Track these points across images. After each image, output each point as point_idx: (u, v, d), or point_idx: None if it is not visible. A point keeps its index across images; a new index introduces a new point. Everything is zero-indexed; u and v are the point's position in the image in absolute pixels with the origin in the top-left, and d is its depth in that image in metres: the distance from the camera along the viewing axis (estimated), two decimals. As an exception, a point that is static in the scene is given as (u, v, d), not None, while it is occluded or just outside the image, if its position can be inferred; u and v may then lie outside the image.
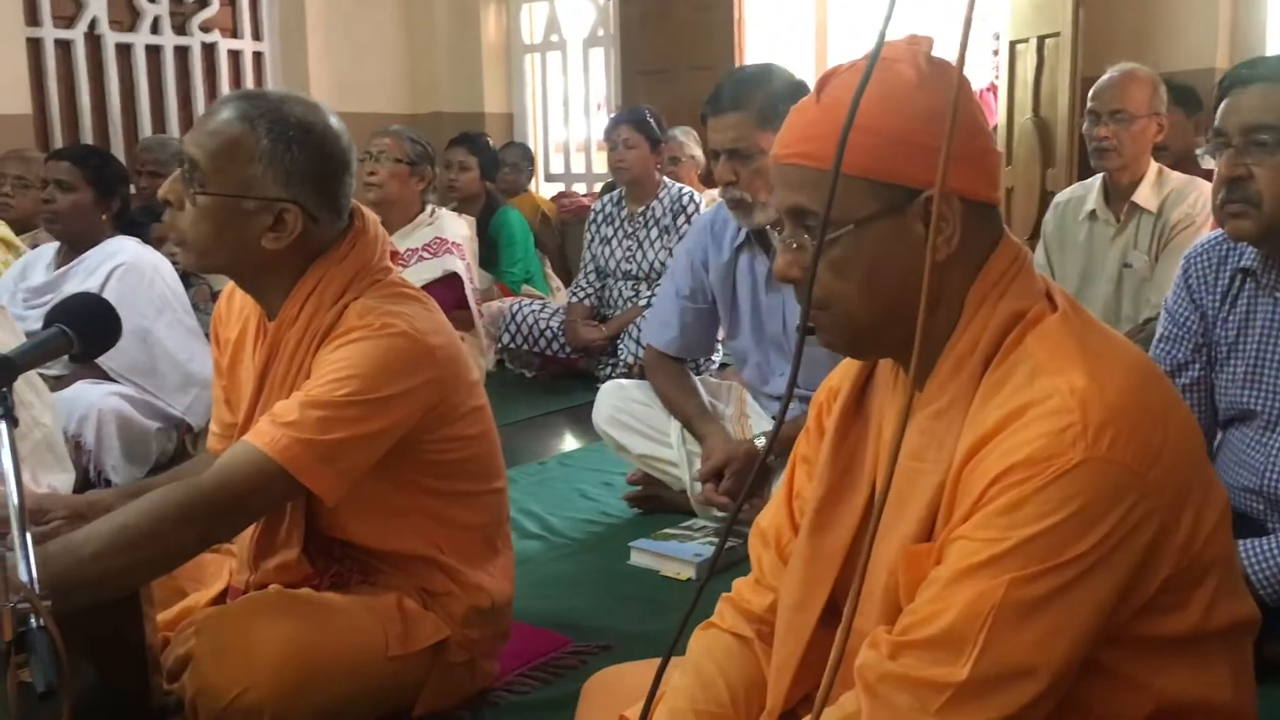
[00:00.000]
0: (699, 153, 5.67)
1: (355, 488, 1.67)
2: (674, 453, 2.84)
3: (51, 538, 1.54)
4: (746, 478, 2.61)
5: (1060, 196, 3.53)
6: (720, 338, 3.16)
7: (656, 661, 1.15)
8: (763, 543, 1.36)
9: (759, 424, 2.85)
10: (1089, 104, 3.29)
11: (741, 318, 2.83)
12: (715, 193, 5.43)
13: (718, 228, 2.84)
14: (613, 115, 5.46)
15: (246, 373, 1.83)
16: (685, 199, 4.61)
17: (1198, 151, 4.14)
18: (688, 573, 2.55)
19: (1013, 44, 5.12)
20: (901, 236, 1.11)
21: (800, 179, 1.13)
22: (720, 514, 2.69)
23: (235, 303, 1.91)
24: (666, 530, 2.74)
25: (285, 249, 1.70)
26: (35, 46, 5.65)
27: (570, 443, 3.95)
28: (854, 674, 1.08)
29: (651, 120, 4.68)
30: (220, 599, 1.85)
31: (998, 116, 5.24)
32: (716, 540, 2.64)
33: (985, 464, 1.05)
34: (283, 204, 1.67)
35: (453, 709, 1.90)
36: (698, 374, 3.24)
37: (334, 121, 1.75)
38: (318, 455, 1.59)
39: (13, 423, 1.31)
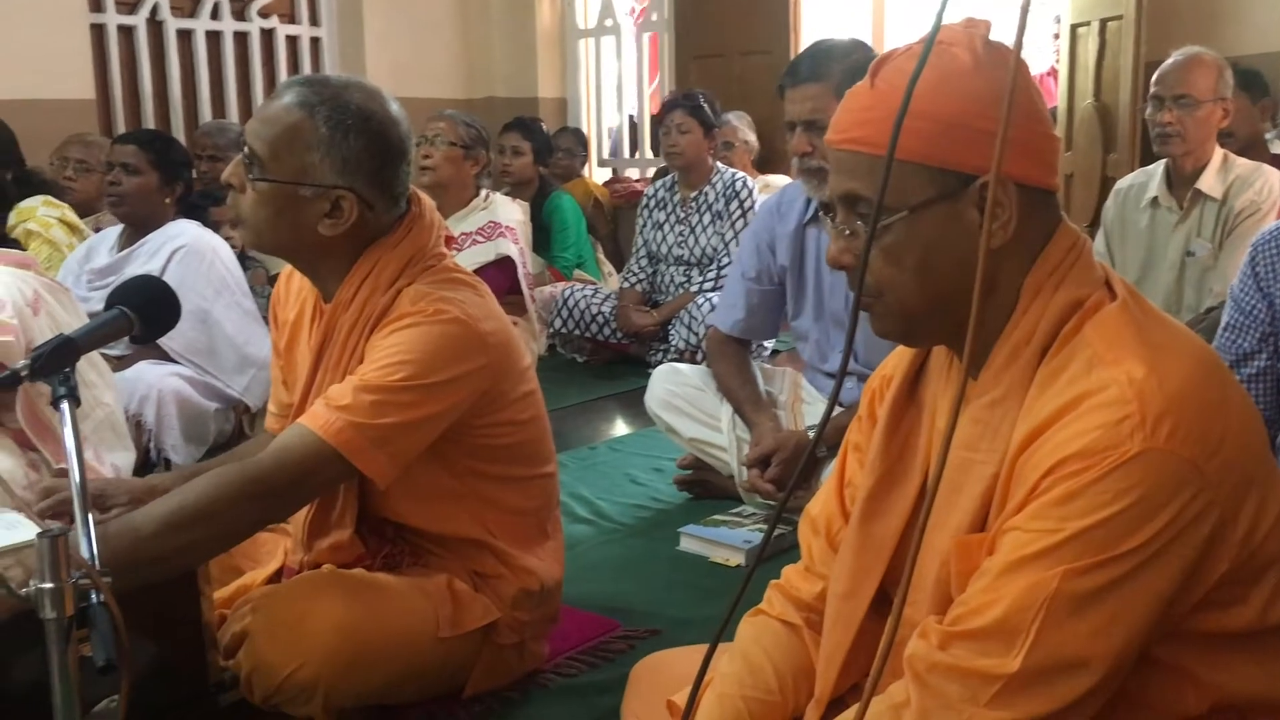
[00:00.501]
0: (753, 138, 5.64)
1: (407, 471, 1.68)
2: (724, 438, 2.85)
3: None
4: (794, 466, 2.62)
5: (1122, 183, 3.47)
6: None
7: (704, 647, 1.15)
8: (813, 530, 1.36)
9: (813, 411, 2.84)
10: (1152, 88, 3.23)
11: (806, 294, 2.84)
12: (769, 178, 5.45)
13: (784, 208, 2.86)
14: (666, 100, 5.45)
15: (302, 354, 1.85)
16: (739, 184, 4.59)
17: (1266, 137, 4.06)
18: (737, 559, 2.55)
19: (1074, 27, 5.03)
20: (956, 223, 1.09)
21: (854, 165, 1.12)
22: (768, 501, 2.69)
23: (294, 284, 1.93)
24: (716, 516, 2.74)
25: (341, 235, 1.72)
26: (99, 32, 5.74)
27: (621, 428, 3.96)
28: (903, 663, 1.08)
29: (705, 105, 4.66)
30: (275, 577, 1.88)
31: (1058, 101, 5.16)
32: (766, 527, 2.63)
33: (1040, 454, 1.04)
34: (339, 191, 1.69)
35: (502, 690, 1.92)
36: (748, 359, 3.23)
37: (394, 109, 1.75)
38: (370, 439, 1.61)
39: (75, 402, 1.33)
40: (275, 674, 1.58)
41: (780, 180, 5.12)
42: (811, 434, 2.71)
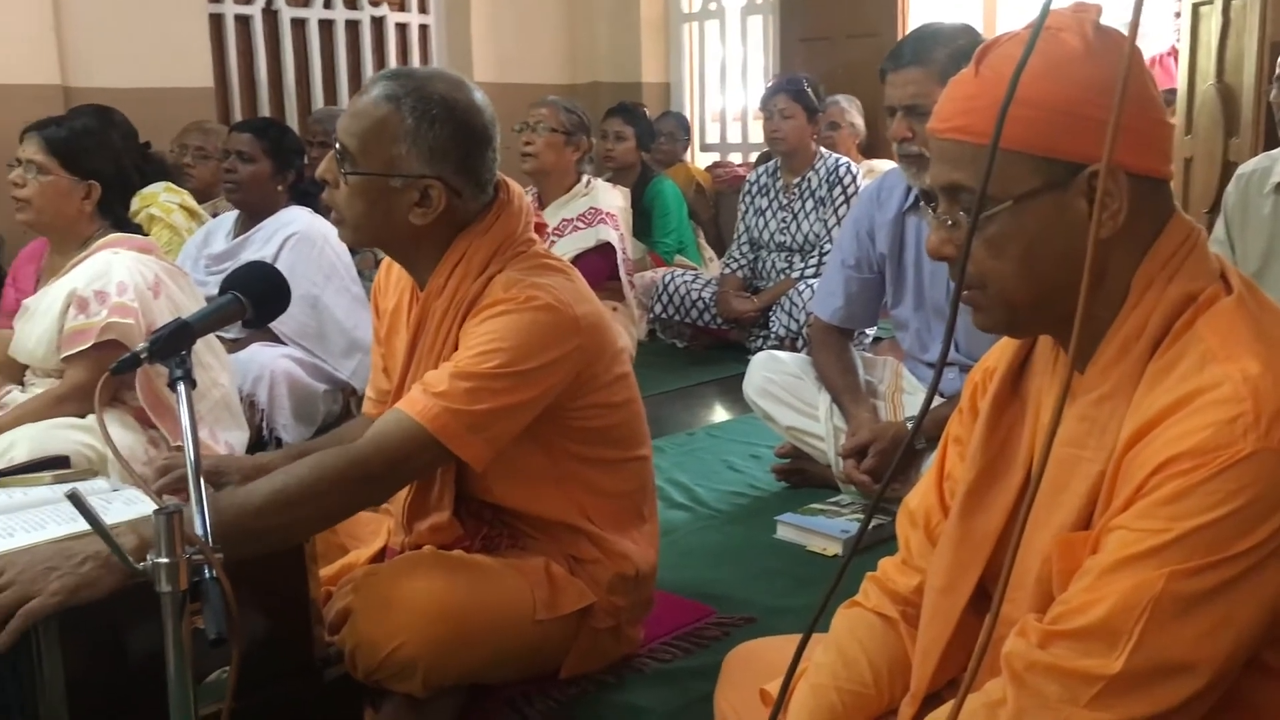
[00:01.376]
0: (860, 122, 5.55)
1: (504, 454, 1.71)
2: (821, 426, 2.83)
3: None
4: (890, 458, 2.59)
5: (1244, 168, 3.33)
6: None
7: (799, 637, 1.14)
8: (911, 523, 1.34)
9: (913, 401, 2.80)
10: (1278, 70, 3.10)
11: (905, 283, 2.80)
12: (874, 163, 5.37)
13: (884, 195, 2.82)
14: (770, 84, 5.40)
15: (401, 341, 1.89)
16: (842, 170, 4.54)
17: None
18: (834, 549, 2.54)
19: (1195, 5, 4.84)
20: (1063, 214, 1.06)
21: (957, 154, 1.10)
22: (865, 491, 2.67)
23: (393, 274, 1.97)
24: (813, 505, 2.72)
25: (432, 223, 1.75)
26: (216, 22, 5.92)
27: (719, 414, 3.96)
28: (1001, 661, 1.06)
29: (809, 89, 4.60)
30: (379, 557, 1.93)
31: (1178, 82, 4.98)
32: (863, 517, 2.60)
33: (1148, 452, 1.01)
34: (427, 181, 1.73)
35: (597, 674, 1.94)
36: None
37: (477, 97, 1.78)
38: (466, 424, 1.64)
39: (191, 384, 1.38)
40: (377, 651, 1.62)
41: (885, 165, 5.04)
42: (910, 425, 2.67)
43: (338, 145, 1.75)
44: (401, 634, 1.61)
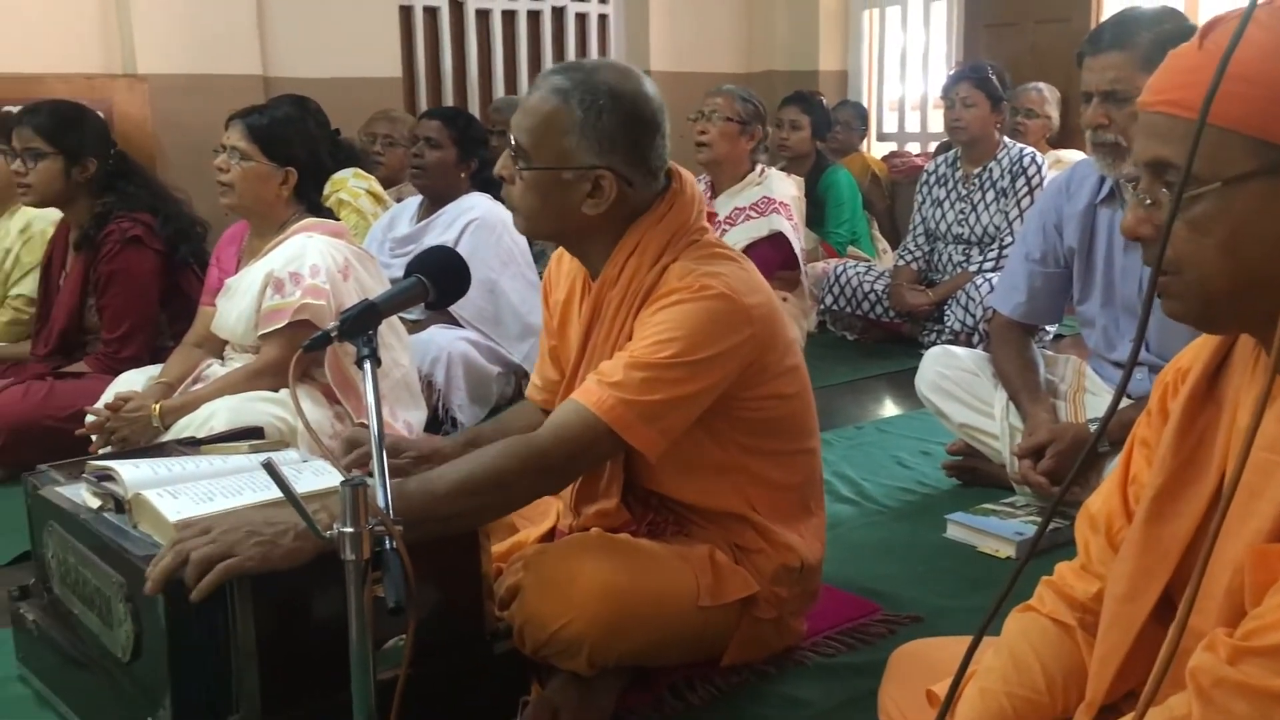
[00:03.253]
0: (1056, 113, 5.35)
1: (674, 443, 1.72)
2: (996, 425, 2.75)
3: (403, 474, 1.69)
4: (1068, 460, 2.50)
5: None
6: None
7: (967, 638, 1.12)
8: (1092, 527, 1.29)
9: (1095, 402, 2.69)
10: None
11: (1094, 278, 2.69)
12: (1061, 154, 5.17)
13: (1074, 186, 2.72)
14: (952, 71, 5.26)
15: (574, 332, 1.92)
16: (1026, 160, 4.38)
17: None
18: (1007, 551, 2.46)
19: None
20: (1275, 202, 1.00)
21: (1167, 129, 1.04)
22: (1041, 493, 2.58)
23: (563, 266, 2.01)
24: (986, 505, 2.65)
25: (605, 213, 1.78)
26: (406, 14, 6.13)
27: (889, 409, 3.89)
28: (1186, 675, 1.01)
29: (993, 77, 4.47)
30: (548, 536, 1.97)
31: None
32: (1039, 520, 2.52)
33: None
34: (598, 171, 1.75)
35: (758, 663, 1.94)
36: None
37: (645, 86, 1.80)
38: (640, 415, 1.66)
39: (377, 362, 1.44)
40: (545, 628, 1.66)
41: (1073, 156, 4.85)
42: (1092, 427, 2.57)
43: (512, 142, 1.79)
44: (569, 612, 1.64)
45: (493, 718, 1.73)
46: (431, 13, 6.28)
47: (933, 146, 6.38)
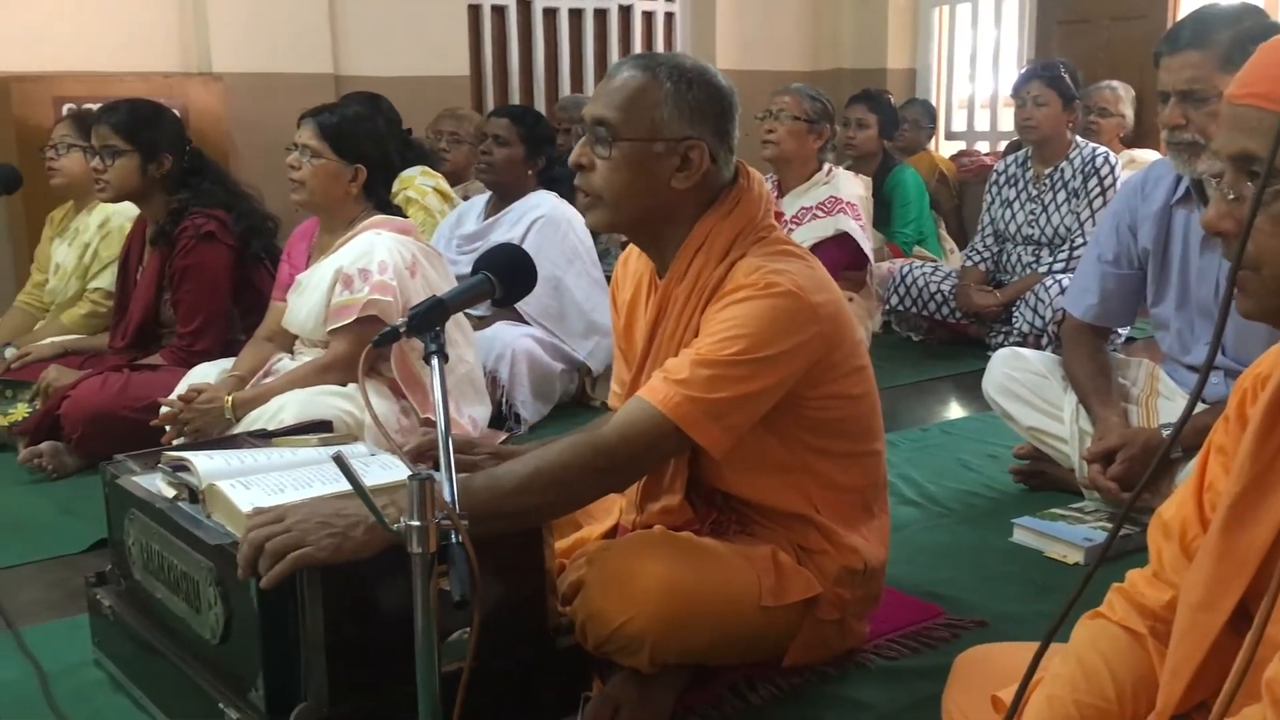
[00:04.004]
0: (1130, 112, 5.25)
1: (739, 441, 1.72)
2: (1065, 428, 2.70)
3: (473, 470, 1.71)
4: (1139, 465, 2.45)
5: None
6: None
7: (1034, 644, 1.10)
8: (1165, 534, 1.27)
9: (1169, 407, 2.64)
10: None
11: (1169, 280, 2.64)
12: (1135, 154, 5.08)
13: (1149, 187, 2.67)
14: (1024, 69, 5.18)
15: (640, 330, 1.93)
16: (1099, 160, 4.30)
17: None
18: (1075, 556, 2.43)
19: None
20: None
21: (1255, 122, 1.02)
22: (1110, 499, 2.54)
23: (630, 266, 2.02)
24: (1054, 510, 2.61)
25: (688, 190, 1.79)
26: (475, 13, 6.18)
27: (955, 410, 3.85)
28: (1262, 687, 0.99)
29: (1066, 75, 4.39)
30: (611, 533, 1.98)
31: None
32: (1109, 525, 2.48)
33: None
34: (689, 142, 1.77)
35: (820, 665, 1.93)
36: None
37: (720, 75, 1.85)
38: (706, 412, 1.65)
39: (444, 358, 1.46)
40: (607, 624, 1.66)
41: (1148, 156, 4.76)
42: (1165, 432, 2.52)
43: (593, 123, 1.79)
44: (631, 609, 1.65)
45: (554, 712, 1.74)
46: (500, 11, 6.33)
47: (1002, 146, 6.30)
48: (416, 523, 1.27)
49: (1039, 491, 2.86)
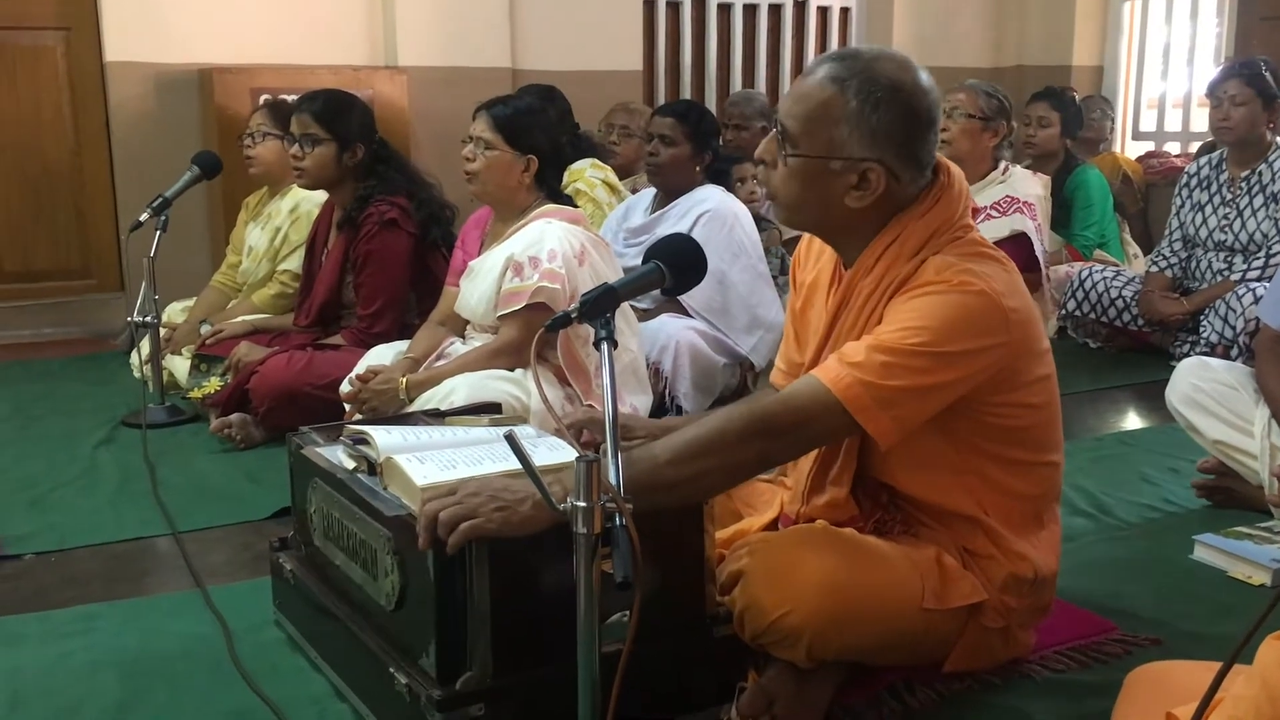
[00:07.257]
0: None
1: (911, 438, 1.69)
2: (1255, 443, 2.57)
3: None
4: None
5: None
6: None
7: (1211, 664, 1.06)
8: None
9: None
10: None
11: None
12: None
13: None
14: (1221, 67, 4.92)
15: (818, 316, 1.90)
16: (1301, 163, 4.05)
17: None
18: (1261, 577, 2.30)
19: None
20: None
21: None
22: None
23: (814, 247, 1.98)
24: (1239, 528, 2.48)
25: (867, 206, 1.74)
26: (650, 8, 6.23)
27: (1133, 421, 3.69)
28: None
29: (1267, 73, 4.15)
30: (772, 526, 1.97)
31: None
32: (1302, 548, 2.34)
33: None
34: (867, 164, 1.71)
35: (983, 672, 1.89)
36: None
37: (923, 78, 1.74)
38: (876, 398, 1.62)
39: (613, 345, 1.48)
40: (765, 615, 1.66)
41: (1356, 159, 4.45)
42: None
43: (778, 126, 1.77)
44: (790, 602, 1.64)
45: (709, 700, 1.75)
46: (674, 7, 6.36)
47: (1193, 147, 5.99)
48: (583, 503, 1.30)
49: (1224, 509, 2.72)
